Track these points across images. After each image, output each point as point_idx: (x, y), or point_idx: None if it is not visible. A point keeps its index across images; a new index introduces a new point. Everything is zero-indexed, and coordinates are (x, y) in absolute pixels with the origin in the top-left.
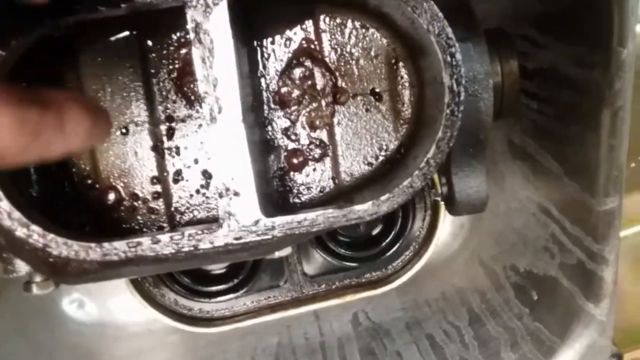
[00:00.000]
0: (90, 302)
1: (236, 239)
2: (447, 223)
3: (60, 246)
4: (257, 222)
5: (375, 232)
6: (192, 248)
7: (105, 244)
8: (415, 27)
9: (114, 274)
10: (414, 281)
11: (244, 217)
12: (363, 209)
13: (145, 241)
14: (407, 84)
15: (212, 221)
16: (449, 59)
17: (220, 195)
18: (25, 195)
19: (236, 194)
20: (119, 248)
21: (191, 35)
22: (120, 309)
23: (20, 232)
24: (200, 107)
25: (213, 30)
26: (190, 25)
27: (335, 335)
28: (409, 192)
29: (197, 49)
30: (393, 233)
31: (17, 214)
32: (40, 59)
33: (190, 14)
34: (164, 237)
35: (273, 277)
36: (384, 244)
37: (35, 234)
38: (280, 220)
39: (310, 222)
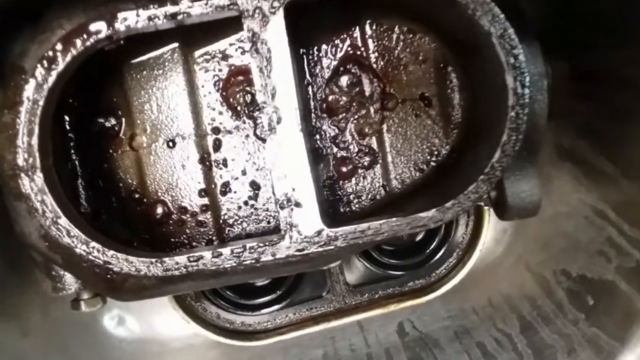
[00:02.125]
0: (130, 318)
1: (298, 250)
2: (489, 228)
3: (122, 262)
4: (319, 233)
5: (418, 238)
6: (253, 261)
7: (167, 259)
8: (472, 29)
9: (171, 290)
10: (458, 288)
11: (306, 228)
12: (428, 216)
13: (207, 255)
14: (456, 88)
15: (262, 233)
16: (512, 60)
17: (281, 207)
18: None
19: (297, 204)
20: (180, 263)
21: (248, 45)
22: (161, 324)
23: (80, 249)
24: (247, 117)
25: (270, 40)
26: (247, 35)
27: (382, 346)
28: (474, 198)
29: (254, 58)
30: (437, 240)
31: (76, 231)
32: (87, 73)
33: (247, 24)
34: (226, 251)
35: (315, 288)
36: (427, 251)
37: (95, 251)
38: (343, 230)
39: (375, 231)
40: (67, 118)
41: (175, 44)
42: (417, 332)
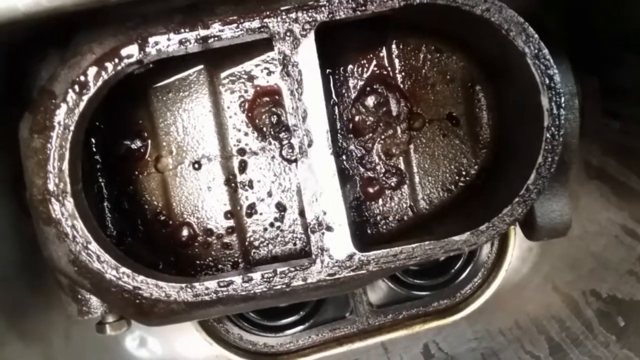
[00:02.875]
0: (152, 339)
1: (330, 275)
2: (515, 247)
3: (151, 287)
4: (351, 257)
5: (442, 258)
6: (284, 286)
7: (197, 284)
8: (504, 49)
9: (200, 314)
10: (484, 309)
11: (337, 253)
12: (462, 240)
13: (237, 280)
14: (484, 107)
15: (288, 256)
16: (547, 81)
17: (312, 231)
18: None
19: (329, 228)
20: (210, 288)
21: (279, 68)
22: (183, 346)
23: (110, 274)
24: (273, 139)
25: (302, 62)
26: (278, 58)
27: None
28: (509, 220)
29: (285, 81)
30: (462, 259)
31: (106, 257)
32: (113, 96)
33: (278, 46)
34: (256, 276)
35: (338, 309)
36: (452, 270)
37: (125, 276)
38: (375, 254)
39: (407, 255)
40: (93, 140)
41: (201, 66)
42: (442, 353)
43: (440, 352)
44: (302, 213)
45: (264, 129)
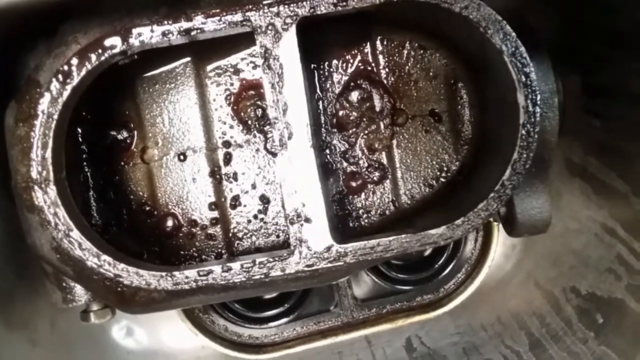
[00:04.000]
0: (139, 329)
1: (308, 266)
2: (498, 244)
3: (132, 276)
4: (329, 249)
5: (427, 253)
6: (262, 276)
7: (177, 273)
8: (483, 47)
9: (181, 303)
10: (467, 304)
11: (315, 244)
12: (438, 234)
13: (217, 269)
14: (466, 104)
15: (271, 247)
16: (523, 79)
17: (291, 222)
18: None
19: (307, 220)
20: (190, 277)
21: (260, 61)
22: (170, 336)
23: (92, 262)
24: (258, 132)
25: (283, 56)
26: (259, 51)
27: None
28: (484, 215)
29: (266, 74)
30: (445, 255)
31: (88, 244)
32: (100, 86)
33: (259, 40)
34: (235, 265)
35: (323, 302)
36: (436, 266)
37: (106, 264)
38: (352, 246)
39: (384, 247)
40: (79, 130)
41: (188, 58)
42: (425, 347)
43: (422, 346)
44: (284, 205)
45: (249, 122)
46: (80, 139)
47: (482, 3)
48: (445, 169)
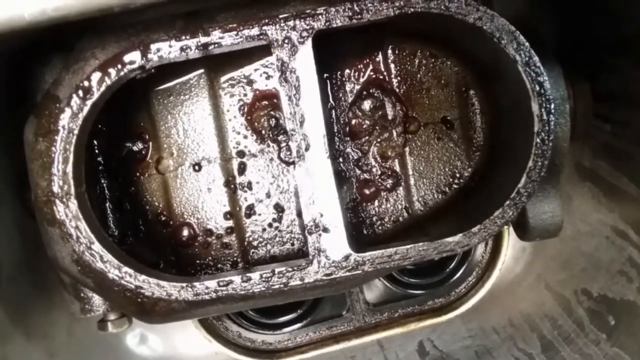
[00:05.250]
0: (153, 336)
1: (326, 275)
2: (509, 247)
3: (153, 287)
4: (347, 258)
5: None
6: (282, 286)
7: (197, 284)
8: (496, 56)
9: (200, 313)
10: (478, 307)
11: (334, 253)
12: (455, 241)
13: (236, 279)
14: (478, 111)
15: (286, 256)
16: (537, 88)
17: (309, 232)
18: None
19: (325, 230)
20: (210, 287)
21: (277, 74)
22: (183, 343)
23: (113, 274)
24: (272, 141)
25: (299, 69)
26: (276, 64)
27: None
28: (500, 222)
29: (283, 87)
30: (456, 259)
31: (109, 257)
32: (115, 99)
33: (276, 53)
34: (255, 276)
35: (335, 307)
36: (447, 270)
37: (127, 276)
38: (370, 255)
39: (401, 255)
40: (96, 143)
41: (201, 70)
42: (437, 351)
43: (435, 350)
44: (299, 214)
45: (263, 131)
46: (96, 151)
47: (496, 14)
48: (457, 175)
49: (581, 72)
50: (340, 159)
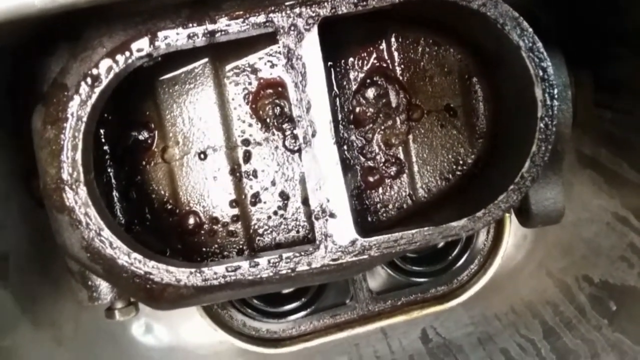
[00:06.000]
0: (158, 326)
1: (333, 260)
2: (510, 234)
3: (162, 273)
4: (354, 243)
5: (440, 245)
6: (289, 271)
7: (205, 269)
8: (499, 42)
9: (208, 299)
10: (480, 295)
11: (340, 238)
12: (460, 226)
13: (244, 265)
14: (481, 99)
15: (291, 243)
16: (541, 73)
17: (316, 218)
18: None
19: (332, 215)
20: (218, 273)
21: (283, 61)
22: (188, 332)
23: (122, 260)
24: (276, 129)
25: (305, 55)
26: (282, 51)
27: (406, 353)
28: (504, 207)
29: (289, 74)
30: (459, 247)
31: (119, 243)
32: (121, 88)
33: (282, 40)
34: (263, 261)
35: (339, 295)
36: (449, 257)
37: (137, 262)
38: (376, 239)
39: (407, 240)
40: (102, 131)
41: (206, 59)
42: (440, 338)
43: (437, 337)
44: (304, 201)
45: (268, 120)
46: (102, 140)
47: (500, 0)
48: (461, 162)
49: (583, 60)
50: (345, 147)
